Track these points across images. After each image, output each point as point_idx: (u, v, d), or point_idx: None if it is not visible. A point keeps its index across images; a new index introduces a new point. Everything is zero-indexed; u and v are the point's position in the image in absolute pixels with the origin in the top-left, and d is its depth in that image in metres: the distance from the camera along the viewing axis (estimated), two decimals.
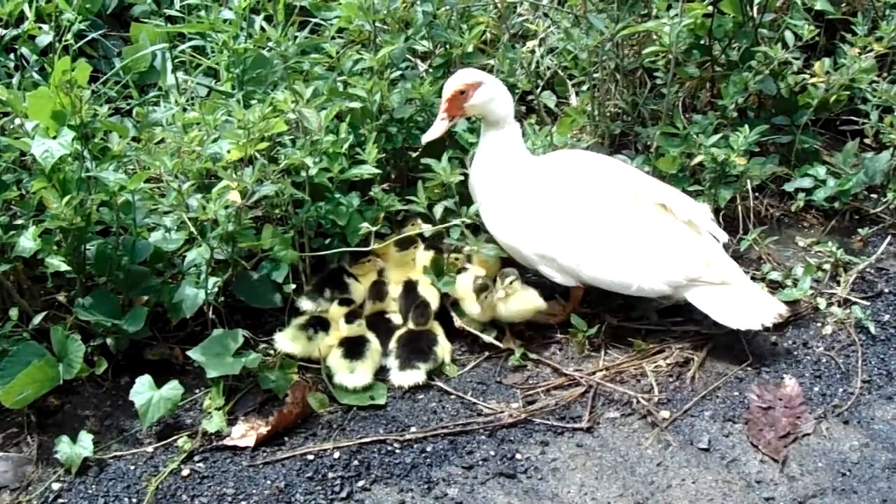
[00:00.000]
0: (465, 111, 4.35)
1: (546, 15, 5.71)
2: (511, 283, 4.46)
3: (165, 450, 4.04)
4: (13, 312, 4.09)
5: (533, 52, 5.71)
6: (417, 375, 4.30)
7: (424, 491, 3.83)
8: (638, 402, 4.19)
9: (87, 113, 4.14)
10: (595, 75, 5.10)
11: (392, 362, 4.35)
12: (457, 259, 4.62)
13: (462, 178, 4.53)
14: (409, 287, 4.54)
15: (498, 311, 4.51)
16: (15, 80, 4.98)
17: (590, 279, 4.39)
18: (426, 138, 4.33)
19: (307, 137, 4.31)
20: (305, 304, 4.50)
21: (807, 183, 5.19)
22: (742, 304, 4.31)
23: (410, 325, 4.42)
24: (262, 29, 4.95)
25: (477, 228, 4.55)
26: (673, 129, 4.98)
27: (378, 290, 4.56)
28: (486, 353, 4.48)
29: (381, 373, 4.34)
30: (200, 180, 4.36)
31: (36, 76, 5.17)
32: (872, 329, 4.53)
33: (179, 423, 4.17)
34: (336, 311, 4.39)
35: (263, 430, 4.05)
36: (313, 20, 5.59)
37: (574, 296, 4.60)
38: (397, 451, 4.01)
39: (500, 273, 4.53)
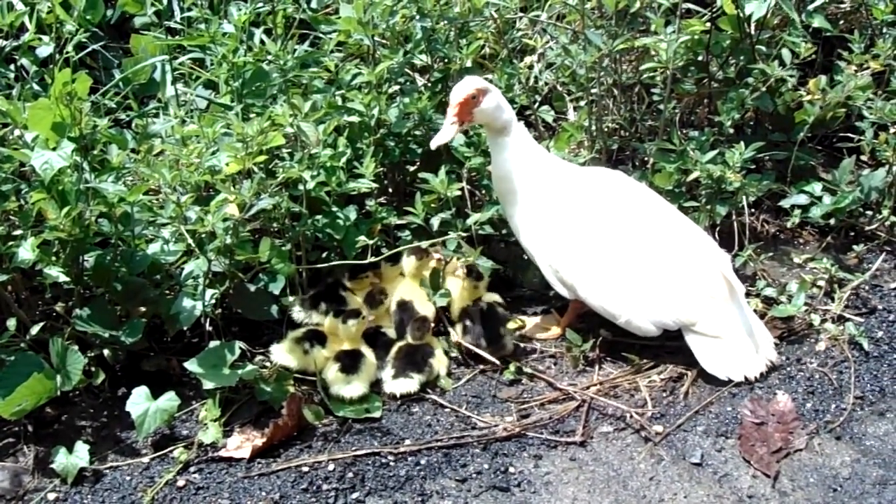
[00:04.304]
0: (472, 117, 4.30)
1: (544, 30, 5.73)
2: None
3: (161, 461, 4.06)
4: (11, 323, 4.10)
5: (531, 67, 5.73)
6: (410, 384, 4.32)
7: (418, 503, 3.85)
8: (631, 416, 4.21)
9: (87, 125, 4.17)
10: (593, 91, 5.11)
11: (387, 373, 4.37)
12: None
13: (458, 192, 4.56)
14: (403, 304, 4.56)
15: None
16: (15, 92, 5.00)
17: (583, 299, 4.41)
18: (435, 142, 4.28)
19: (305, 151, 4.34)
20: (297, 313, 4.52)
21: (802, 199, 5.20)
22: (731, 356, 4.37)
23: (409, 339, 4.44)
24: (262, 42, 4.98)
25: (472, 240, 4.57)
26: (669, 145, 4.99)
27: (372, 299, 4.58)
28: (481, 367, 4.50)
29: (375, 386, 4.36)
30: (199, 193, 4.37)
31: (36, 87, 5.19)
32: (866, 345, 4.55)
33: (175, 434, 4.19)
34: (333, 324, 4.41)
35: (259, 441, 4.07)
36: (313, 34, 5.62)
37: (572, 309, 4.62)
38: (392, 463, 4.03)
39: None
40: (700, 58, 5.32)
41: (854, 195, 5.11)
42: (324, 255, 4.68)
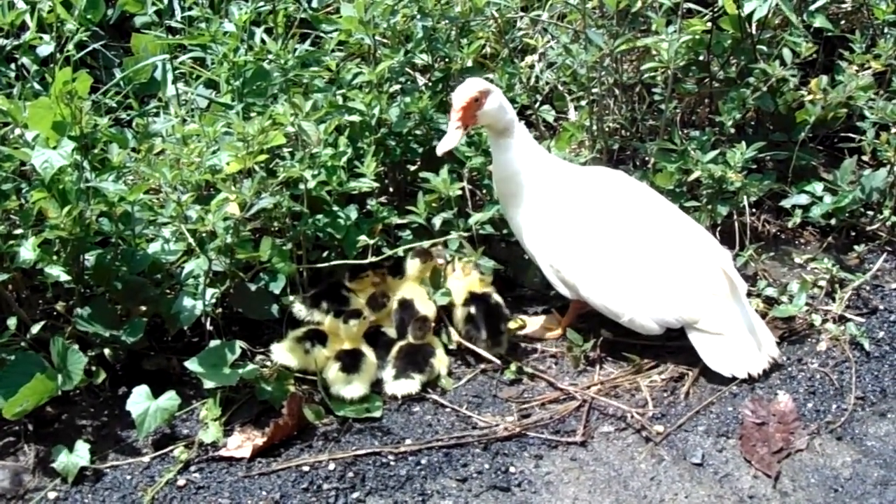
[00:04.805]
0: (476, 119, 4.28)
1: (545, 30, 5.73)
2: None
3: (162, 460, 4.06)
4: (12, 322, 4.09)
5: (532, 66, 5.73)
6: (411, 385, 4.32)
7: (419, 503, 3.85)
8: (632, 416, 4.21)
9: (88, 124, 4.17)
10: (594, 90, 5.11)
11: (388, 373, 4.37)
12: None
13: (460, 191, 4.55)
14: (404, 304, 4.56)
15: None
16: (16, 90, 5.00)
17: (585, 299, 4.41)
18: (442, 148, 4.24)
19: (306, 150, 4.33)
20: (299, 310, 4.52)
21: (804, 199, 5.19)
22: (734, 353, 4.37)
23: (410, 339, 4.44)
24: (263, 41, 4.97)
25: (473, 240, 4.57)
26: (671, 144, 4.99)
27: (375, 302, 4.58)
28: (482, 367, 4.50)
29: (376, 386, 4.35)
30: (199, 192, 4.37)
31: (37, 86, 5.19)
32: (867, 346, 4.54)
33: (176, 433, 4.18)
34: (334, 323, 4.42)
35: (259, 441, 4.07)
36: (314, 33, 5.61)
37: (573, 309, 4.62)
38: (392, 463, 4.02)
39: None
40: (701, 57, 5.32)
41: (855, 195, 5.10)
42: (324, 254, 4.68)
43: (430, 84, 5.13)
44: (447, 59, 5.07)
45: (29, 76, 5.28)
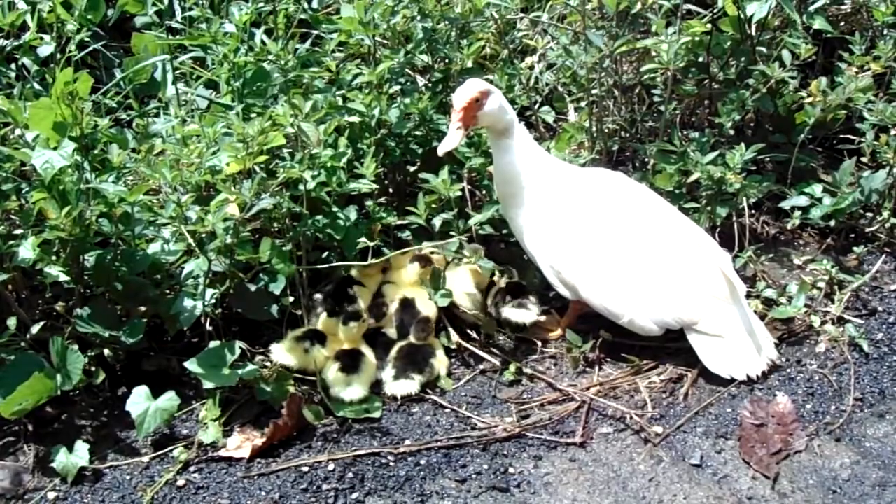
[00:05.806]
0: (476, 120, 4.28)
1: (545, 31, 5.73)
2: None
3: (161, 460, 4.07)
4: (11, 322, 4.10)
5: (532, 67, 5.73)
6: (411, 386, 4.33)
7: (418, 503, 3.86)
8: (631, 417, 4.21)
9: (88, 124, 4.17)
10: (593, 92, 5.12)
11: (387, 373, 4.37)
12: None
13: (459, 192, 4.55)
14: (405, 304, 4.56)
15: None
16: (16, 91, 5.00)
17: (585, 299, 4.41)
18: (443, 148, 4.24)
19: (306, 151, 4.33)
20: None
21: (803, 201, 5.19)
22: (734, 355, 4.38)
23: (411, 339, 4.44)
24: (263, 42, 4.98)
25: (473, 241, 4.58)
26: (670, 146, 5.00)
27: (378, 309, 4.58)
28: (481, 368, 4.51)
29: (376, 386, 4.36)
30: (199, 192, 4.37)
31: (37, 87, 5.19)
32: (866, 347, 4.54)
33: (175, 433, 4.19)
34: (328, 323, 4.43)
35: (259, 441, 4.07)
36: (314, 34, 5.61)
37: (573, 309, 4.62)
38: (391, 463, 4.03)
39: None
40: (701, 59, 5.32)
41: (854, 197, 5.10)
42: (324, 255, 4.68)
43: (429, 85, 5.13)
44: (447, 60, 5.07)
45: (29, 76, 5.29)
